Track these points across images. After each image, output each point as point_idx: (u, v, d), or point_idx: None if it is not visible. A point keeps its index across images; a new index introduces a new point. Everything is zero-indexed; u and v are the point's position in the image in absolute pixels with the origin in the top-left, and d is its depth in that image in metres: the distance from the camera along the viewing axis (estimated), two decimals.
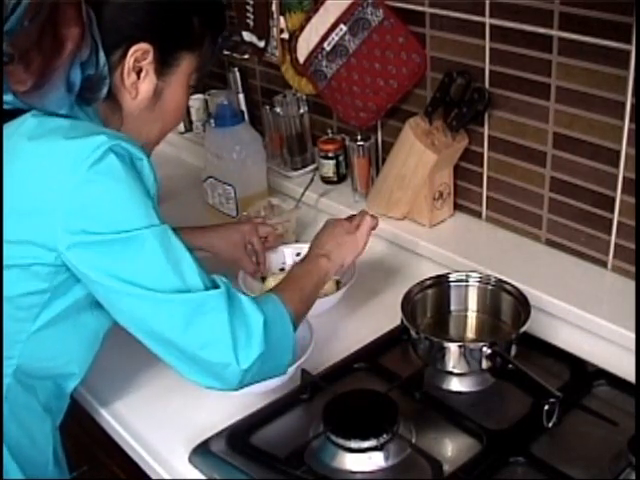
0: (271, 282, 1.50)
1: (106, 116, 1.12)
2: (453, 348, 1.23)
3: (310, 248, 1.34)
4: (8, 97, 1.05)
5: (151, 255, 1.01)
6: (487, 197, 1.62)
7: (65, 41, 1.01)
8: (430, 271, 1.43)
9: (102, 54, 1.04)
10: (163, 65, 1.12)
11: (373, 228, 1.38)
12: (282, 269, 1.59)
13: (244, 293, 1.09)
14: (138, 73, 1.10)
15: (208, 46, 1.18)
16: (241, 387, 1.08)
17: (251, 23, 1.91)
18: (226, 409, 1.25)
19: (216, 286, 1.05)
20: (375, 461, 1.12)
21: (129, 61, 1.08)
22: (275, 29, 1.85)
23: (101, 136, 1.00)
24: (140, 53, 1.08)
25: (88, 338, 1.16)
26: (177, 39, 1.14)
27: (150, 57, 1.10)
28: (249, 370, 1.04)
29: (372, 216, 1.39)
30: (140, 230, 1.00)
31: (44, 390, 1.17)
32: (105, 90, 1.07)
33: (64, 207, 0.98)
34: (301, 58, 1.72)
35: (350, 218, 1.40)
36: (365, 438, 1.11)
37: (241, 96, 2.07)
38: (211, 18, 1.18)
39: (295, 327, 1.15)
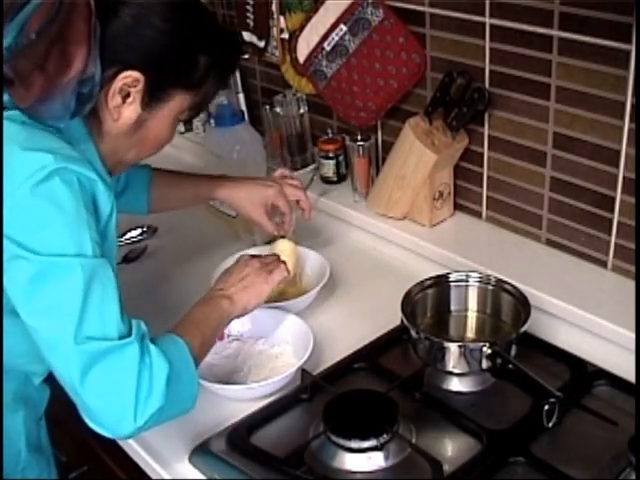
0: (280, 245, 1.49)
1: (90, 128, 1.10)
2: (453, 348, 1.23)
3: (215, 284, 1.28)
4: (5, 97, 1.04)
5: (70, 289, 0.98)
6: (487, 197, 1.62)
7: (73, 60, 0.99)
8: (430, 271, 1.43)
9: (99, 72, 1.01)
10: (152, 97, 1.09)
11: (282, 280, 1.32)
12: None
13: (153, 340, 1.05)
14: (125, 97, 1.07)
15: (209, 87, 1.15)
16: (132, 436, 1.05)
17: (251, 23, 1.92)
18: (226, 409, 1.25)
19: (130, 332, 1.01)
20: (375, 461, 1.12)
21: (116, 84, 1.05)
22: (275, 29, 1.85)
23: (49, 156, 0.99)
24: (130, 80, 1.05)
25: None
26: (174, 76, 1.10)
27: (140, 86, 1.07)
28: (144, 425, 1.01)
29: (284, 263, 1.33)
30: (67, 257, 0.98)
31: (10, 381, 1.17)
32: (89, 107, 1.04)
33: (5, 220, 0.97)
34: (301, 58, 1.72)
35: (264, 258, 1.33)
36: (365, 438, 1.11)
37: (241, 96, 2.07)
38: (221, 60, 1.15)
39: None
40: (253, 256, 1.33)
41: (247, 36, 1.94)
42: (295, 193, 1.52)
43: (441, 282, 1.38)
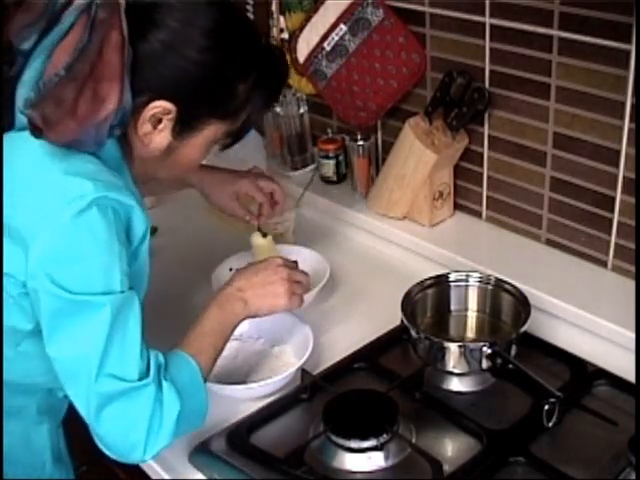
0: (255, 239, 1.49)
1: (123, 152, 1.07)
2: (453, 348, 1.23)
3: (236, 277, 1.22)
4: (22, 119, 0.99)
5: (95, 328, 0.97)
6: (487, 197, 1.62)
7: (106, 99, 0.94)
8: (430, 271, 1.43)
9: (130, 101, 0.96)
10: (183, 127, 1.04)
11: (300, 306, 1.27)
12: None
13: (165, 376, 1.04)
14: (157, 123, 1.02)
15: (249, 114, 1.09)
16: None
17: None
18: (226, 409, 1.25)
19: (149, 371, 1.01)
20: (375, 461, 1.12)
21: (146, 113, 1.00)
22: (275, 29, 1.85)
23: (89, 184, 0.95)
24: (160, 109, 1.00)
25: None
26: (209, 106, 1.05)
27: (172, 115, 1.02)
28: (153, 456, 1.03)
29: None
30: (95, 296, 0.96)
31: (34, 394, 1.17)
32: (119, 132, 1.01)
33: (40, 245, 0.95)
34: (301, 58, 1.72)
35: (294, 272, 1.26)
36: (365, 438, 1.11)
37: None
38: (265, 86, 1.08)
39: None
40: (286, 261, 1.27)
41: None
42: (269, 185, 1.50)
43: (441, 282, 1.38)
